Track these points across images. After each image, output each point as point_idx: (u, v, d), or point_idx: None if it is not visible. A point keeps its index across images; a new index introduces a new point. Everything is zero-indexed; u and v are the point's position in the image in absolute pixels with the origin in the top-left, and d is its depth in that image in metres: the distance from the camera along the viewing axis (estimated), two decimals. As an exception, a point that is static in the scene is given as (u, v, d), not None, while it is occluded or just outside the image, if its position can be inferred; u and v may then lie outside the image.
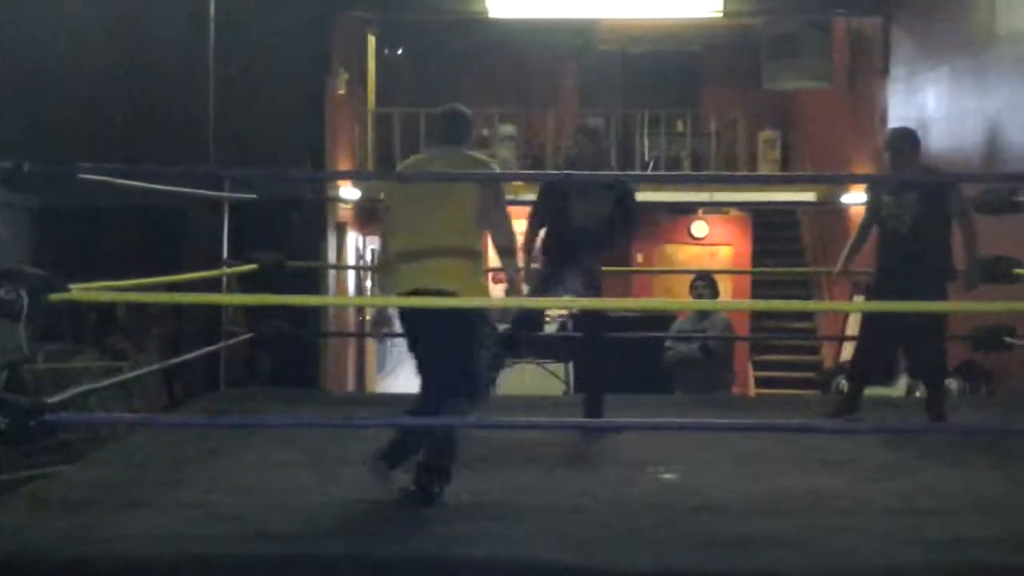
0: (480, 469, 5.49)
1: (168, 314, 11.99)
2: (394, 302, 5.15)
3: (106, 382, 6.66)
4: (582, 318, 7.14)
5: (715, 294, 8.97)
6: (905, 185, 6.58)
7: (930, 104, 11.72)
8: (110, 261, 10.81)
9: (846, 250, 7.08)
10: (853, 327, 12.22)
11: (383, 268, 5.27)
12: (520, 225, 5.71)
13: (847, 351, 11.38)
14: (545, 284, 6.38)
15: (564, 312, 13.58)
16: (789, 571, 4.09)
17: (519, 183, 15.27)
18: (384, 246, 5.24)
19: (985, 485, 5.25)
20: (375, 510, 4.77)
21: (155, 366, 8.60)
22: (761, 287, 16.72)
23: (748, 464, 5.63)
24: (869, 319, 7.01)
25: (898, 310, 5.61)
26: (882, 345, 6.83)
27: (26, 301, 4.07)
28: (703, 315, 8.77)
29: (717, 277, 9.40)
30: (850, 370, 7.27)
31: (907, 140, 6.70)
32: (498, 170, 5.96)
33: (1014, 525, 4.59)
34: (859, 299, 12.05)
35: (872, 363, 6.94)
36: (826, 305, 5.56)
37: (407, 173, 5.47)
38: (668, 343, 9.01)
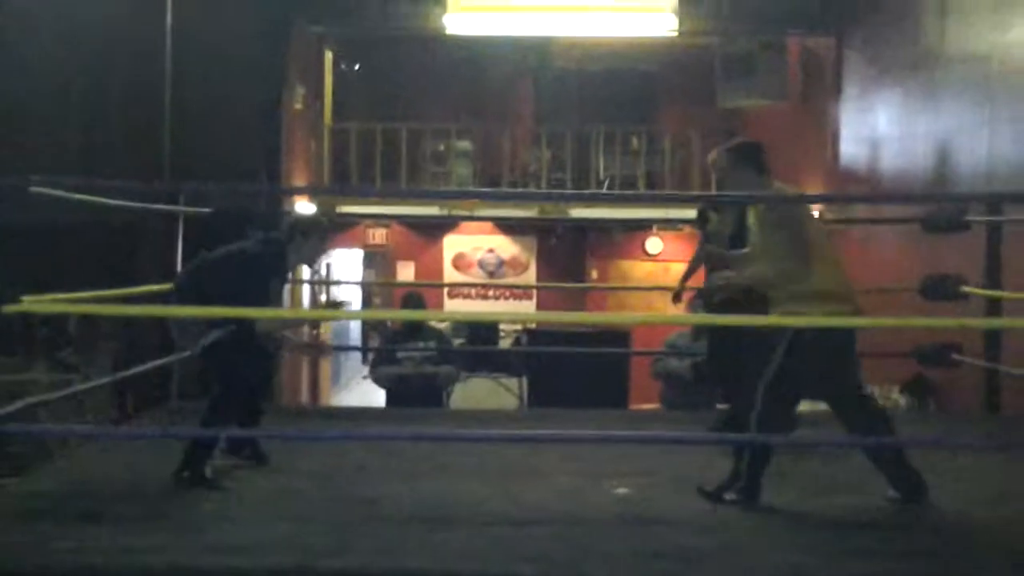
0: (434, 481, 5.52)
1: (120, 328, 11.91)
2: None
3: (57, 394, 6.63)
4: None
5: None
6: (727, 204, 6.72)
7: (882, 123, 11.87)
8: (63, 277, 10.74)
9: (685, 269, 7.27)
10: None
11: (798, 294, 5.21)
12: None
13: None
14: None
15: (519, 327, 13.63)
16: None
17: (475, 200, 15.38)
18: (794, 272, 5.18)
19: (930, 499, 5.32)
20: (325, 522, 4.79)
21: (106, 379, 8.55)
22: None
23: (696, 479, 5.68)
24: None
25: (859, 325, 5.60)
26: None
27: (-22, 313, 4.07)
28: (699, 333, 8.74)
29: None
30: None
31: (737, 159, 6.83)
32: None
33: (957, 539, 4.67)
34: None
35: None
36: (766, 320, 5.64)
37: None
38: (657, 357, 9.04)
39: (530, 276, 18.75)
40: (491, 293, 18.39)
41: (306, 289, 15.59)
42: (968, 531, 4.82)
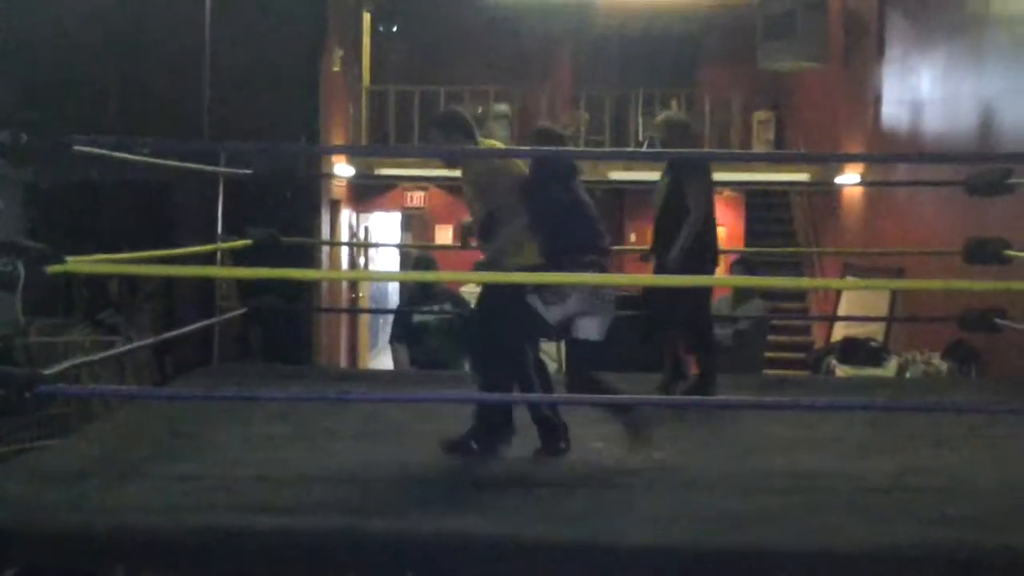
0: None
1: (160, 290, 11.99)
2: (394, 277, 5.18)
3: (99, 355, 6.67)
4: None
5: None
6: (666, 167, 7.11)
7: (924, 86, 11.74)
8: (104, 237, 10.82)
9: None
10: (845, 307, 12.29)
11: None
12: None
13: (838, 332, 11.44)
14: None
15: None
16: (777, 548, 4.13)
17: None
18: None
19: (971, 465, 5.30)
20: (366, 485, 4.81)
21: (148, 340, 8.59)
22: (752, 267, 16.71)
23: (736, 443, 5.68)
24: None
25: (902, 288, 5.59)
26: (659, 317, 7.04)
27: (23, 273, 4.09)
28: (739, 300, 8.73)
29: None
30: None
31: (671, 125, 7.18)
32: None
33: (998, 504, 4.63)
34: (851, 279, 12.11)
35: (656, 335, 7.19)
36: (813, 283, 5.62)
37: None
38: None
39: (568, 239, 18.70)
40: (529, 256, 18.38)
41: (344, 251, 15.65)
42: (1008, 497, 4.78)
